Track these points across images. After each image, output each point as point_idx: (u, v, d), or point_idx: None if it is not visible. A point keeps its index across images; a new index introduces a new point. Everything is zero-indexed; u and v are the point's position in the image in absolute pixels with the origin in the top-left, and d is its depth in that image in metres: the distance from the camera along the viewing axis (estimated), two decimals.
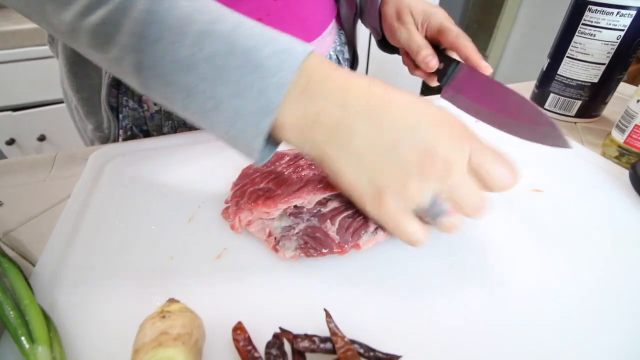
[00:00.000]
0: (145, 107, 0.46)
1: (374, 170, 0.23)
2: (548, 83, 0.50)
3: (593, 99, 0.48)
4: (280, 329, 0.21)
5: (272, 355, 0.20)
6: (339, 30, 0.56)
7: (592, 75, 0.46)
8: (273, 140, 0.25)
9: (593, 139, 0.46)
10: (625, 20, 0.42)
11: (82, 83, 0.45)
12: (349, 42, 0.58)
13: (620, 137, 0.40)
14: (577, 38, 0.46)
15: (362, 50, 1.66)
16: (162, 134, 0.48)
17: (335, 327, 0.21)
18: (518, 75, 2.29)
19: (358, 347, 0.20)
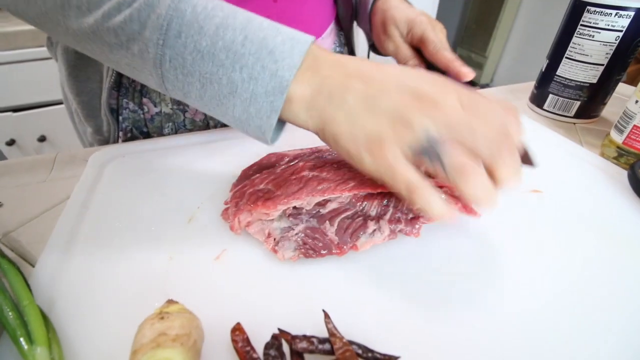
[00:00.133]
0: (146, 109, 0.46)
1: (367, 122, 0.24)
2: (547, 84, 0.50)
3: (592, 100, 0.48)
4: (279, 330, 0.21)
5: (270, 356, 0.20)
6: (339, 32, 0.56)
7: (590, 76, 0.46)
8: (281, 121, 0.27)
9: (592, 140, 0.46)
10: (624, 21, 0.42)
11: (82, 86, 0.45)
12: (348, 42, 0.58)
13: (619, 137, 0.40)
14: (575, 39, 0.46)
15: (362, 51, 1.67)
16: (162, 136, 0.48)
17: (334, 328, 0.21)
18: (517, 76, 2.29)
19: (356, 348, 0.20)
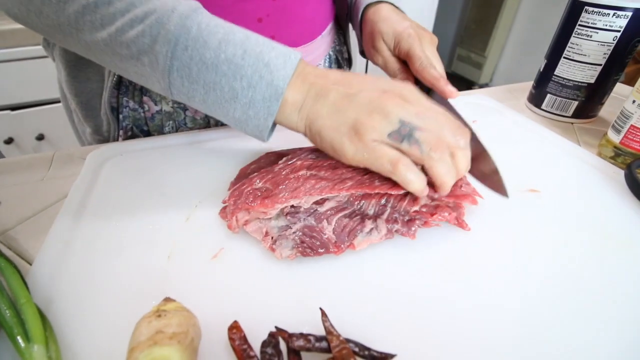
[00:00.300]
0: (146, 107, 0.46)
1: (347, 112, 0.28)
2: (545, 83, 0.50)
3: (589, 100, 0.48)
4: (276, 328, 0.21)
5: (267, 354, 0.20)
6: (338, 31, 0.56)
7: (588, 76, 0.46)
8: (276, 121, 0.31)
9: (589, 139, 0.47)
10: (621, 22, 0.42)
11: (81, 87, 0.45)
12: (346, 41, 0.58)
13: (616, 137, 0.40)
14: (573, 39, 0.46)
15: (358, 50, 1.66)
16: (160, 135, 0.48)
17: (331, 326, 0.21)
18: (517, 76, 2.30)
19: (353, 345, 0.20)
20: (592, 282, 0.26)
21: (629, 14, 0.41)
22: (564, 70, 0.48)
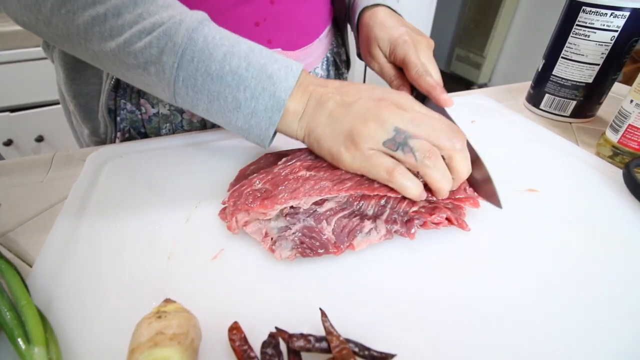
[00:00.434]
0: (143, 109, 0.46)
1: (344, 120, 0.29)
2: (543, 83, 0.51)
3: (587, 99, 0.48)
4: (276, 329, 0.21)
5: (267, 355, 0.20)
6: (336, 32, 0.56)
7: (586, 76, 0.47)
8: (277, 129, 0.32)
9: (588, 139, 0.47)
10: (619, 21, 0.42)
11: (80, 89, 0.45)
12: (344, 43, 0.58)
13: (614, 137, 0.40)
14: (571, 39, 0.46)
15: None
16: (160, 136, 0.48)
17: (331, 326, 0.21)
18: (515, 75, 2.30)
19: (353, 346, 0.20)
20: (590, 281, 0.26)
21: (627, 14, 0.42)
22: (562, 70, 0.48)
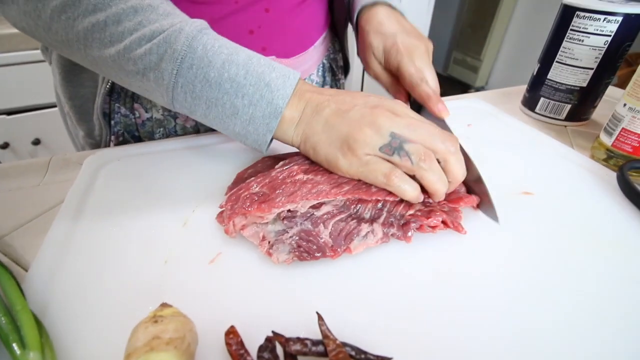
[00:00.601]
0: (137, 114, 0.46)
1: (340, 127, 0.29)
2: (538, 87, 0.51)
3: (582, 103, 0.49)
4: (273, 332, 0.21)
5: (264, 359, 0.20)
6: (333, 38, 0.57)
7: (580, 80, 0.47)
8: (273, 136, 0.32)
9: (582, 142, 0.47)
10: (612, 26, 0.43)
11: (75, 91, 0.45)
12: (342, 49, 0.58)
13: (608, 140, 0.41)
14: (565, 43, 0.47)
15: (357, 57, 1.67)
16: (156, 140, 0.48)
17: (327, 330, 0.21)
18: (513, 79, 2.32)
19: (349, 349, 0.20)
20: (585, 283, 0.27)
21: (619, 19, 0.42)
22: (557, 74, 0.48)
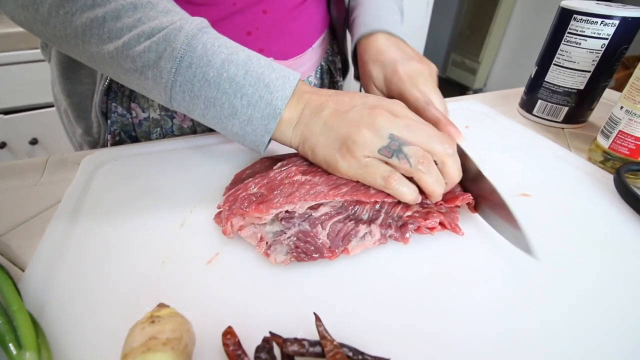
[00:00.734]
0: (134, 113, 0.46)
1: (339, 129, 0.29)
2: (536, 90, 0.51)
3: (579, 106, 0.49)
4: (270, 333, 0.21)
5: None
6: (332, 40, 0.57)
7: (578, 82, 0.47)
8: (272, 137, 0.32)
9: (579, 144, 0.47)
10: (609, 30, 0.43)
11: (73, 88, 0.45)
12: (341, 50, 0.58)
13: (605, 142, 0.41)
14: (563, 46, 0.47)
15: None
16: (154, 140, 0.48)
17: (325, 330, 0.21)
18: (511, 81, 2.33)
19: (347, 350, 0.20)
20: (581, 284, 0.27)
21: (616, 22, 0.43)
22: (554, 77, 0.49)
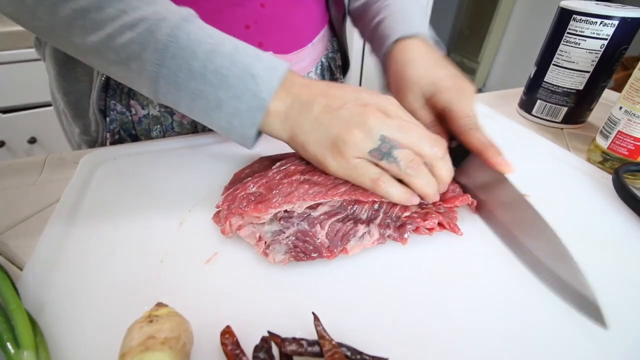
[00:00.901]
0: (133, 111, 0.46)
1: (329, 127, 0.28)
2: (535, 90, 0.51)
3: (578, 106, 0.49)
4: (269, 333, 0.21)
5: (259, 359, 0.20)
6: (332, 37, 0.57)
7: (577, 83, 0.47)
8: (260, 129, 0.31)
9: (578, 145, 0.47)
10: (608, 30, 0.43)
11: (70, 86, 0.45)
12: (341, 48, 0.58)
13: (604, 143, 0.41)
14: (562, 46, 0.47)
15: (356, 56, 1.68)
16: (150, 139, 0.48)
17: (323, 330, 0.21)
18: (510, 81, 2.33)
19: (345, 350, 0.20)
20: None
21: (616, 23, 0.43)
22: (554, 77, 0.49)
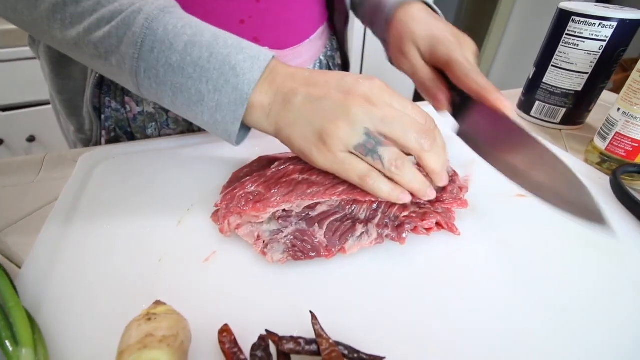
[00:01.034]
0: (128, 108, 0.46)
1: (313, 118, 0.27)
2: (534, 91, 0.52)
3: (577, 107, 0.49)
4: (266, 331, 0.21)
5: (257, 357, 0.20)
6: (331, 35, 0.57)
7: (575, 84, 0.48)
8: (246, 125, 0.31)
9: (577, 146, 0.48)
10: (607, 31, 0.43)
11: (64, 84, 0.45)
12: (341, 47, 0.58)
13: (602, 144, 0.41)
14: (561, 48, 0.47)
15: (356, 55, 1.68)
16: (146, 136, 0.48)
17: (321, 329, 0.21)
18: (510, 82, 2.33)
19: (342, 348, 0.21)
20: (578, 285, 0.27)
21: (614, 24, 0.43)
22: (552, 78, 0.49)
